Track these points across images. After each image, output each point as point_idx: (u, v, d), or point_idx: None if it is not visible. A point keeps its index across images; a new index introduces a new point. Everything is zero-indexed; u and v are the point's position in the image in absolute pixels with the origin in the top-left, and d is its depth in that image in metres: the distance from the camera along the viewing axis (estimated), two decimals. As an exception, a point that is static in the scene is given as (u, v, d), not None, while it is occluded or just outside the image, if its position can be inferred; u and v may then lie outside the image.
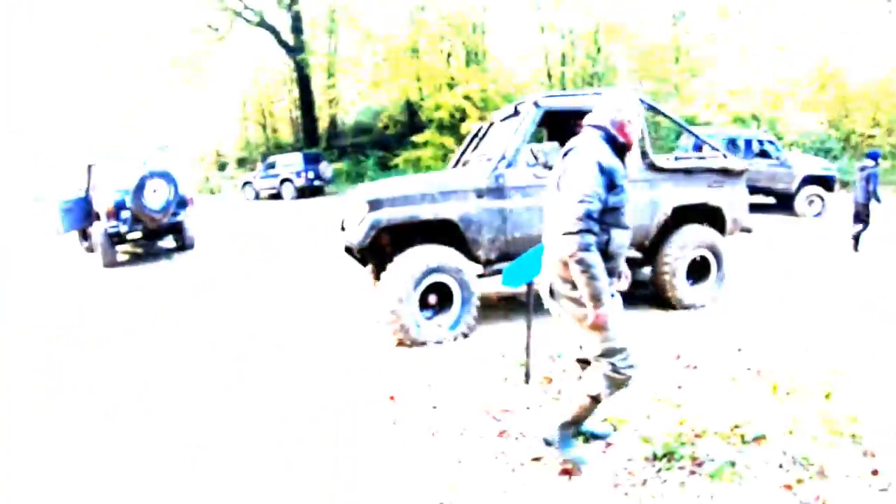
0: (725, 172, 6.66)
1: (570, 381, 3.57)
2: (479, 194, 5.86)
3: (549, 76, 28.59)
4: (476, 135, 7.69)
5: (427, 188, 5.77)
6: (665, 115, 6.95)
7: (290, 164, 25.03)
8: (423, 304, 5.72)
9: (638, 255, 6.57)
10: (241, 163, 35.00)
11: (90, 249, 13.69)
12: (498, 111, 7.62)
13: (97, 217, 12.47)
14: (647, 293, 6.87)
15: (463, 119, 24.17)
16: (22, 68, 40.19)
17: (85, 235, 14.20)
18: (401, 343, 5.58)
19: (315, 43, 32.30)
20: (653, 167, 6.35)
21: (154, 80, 30.18)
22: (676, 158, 6.96)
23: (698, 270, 6.62)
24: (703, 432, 3.60)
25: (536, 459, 3.48)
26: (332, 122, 34.73)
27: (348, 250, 6.29)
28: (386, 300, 5.52)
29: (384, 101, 31.47)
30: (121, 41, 31.00)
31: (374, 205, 5.68)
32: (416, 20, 27.66)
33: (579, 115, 6.54)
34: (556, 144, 5.86)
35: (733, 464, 3.24)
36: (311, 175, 24.04)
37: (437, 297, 5.79)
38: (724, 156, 6.85)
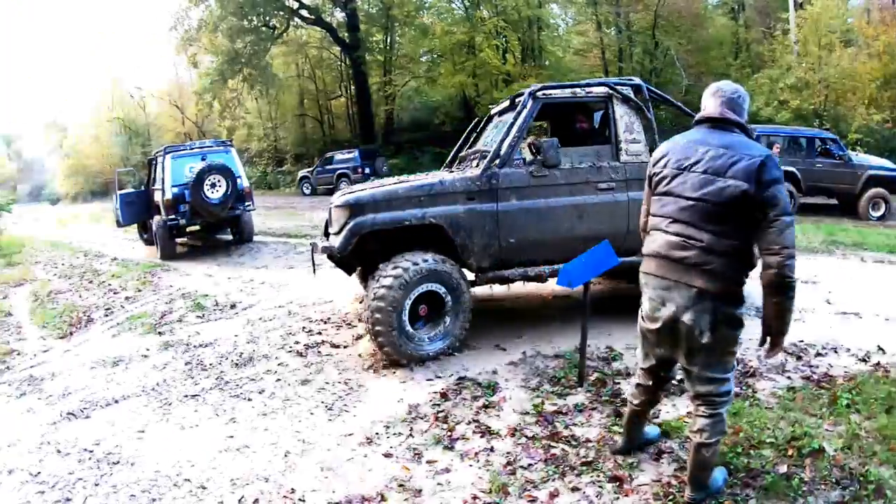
0: None
1: (631, 392, 3.44)
2: (470, 196, 5.38)
3: (607, 72, 28.27)
4: (474, 129, 7.23)
5: (413, 190, 5.32)
6: (676, 106, 6.57)
7: (347, 159, 25.49)
8: (413, 316, 5.25)
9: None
10: (299, 158, 35.50)
11: (149, 241, 14.13)
12: (496, 104, 7.12)
13: (157, 210, 12.84)
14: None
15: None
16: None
17: (145, 228, 14.66)
18: (394, 362, 5.21)
19: (371, 39, 32.55)
20: None
21: (212, 76, 30.70)
22: None
23: None
24: (758, 443, 3.55)
25: (587, 463, 3.49)
26: (389, 118, 34.98)
27: (332, 257, 5.66)
28: (372, 312, 5.07)
29: (440, 97, 31.55)
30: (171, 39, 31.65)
31: (356, 209, 5.26)
32: (471, 16, 27.65)
33: (581, 107, 6.56)
34: (555, 140, 5.53)
35: (788, 478, 3.19)
36: (367, 170, 24.38)
37: (426, 308, 5.34)
38: None
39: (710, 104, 2.96)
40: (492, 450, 3.75)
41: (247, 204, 12.81)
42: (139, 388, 5.37)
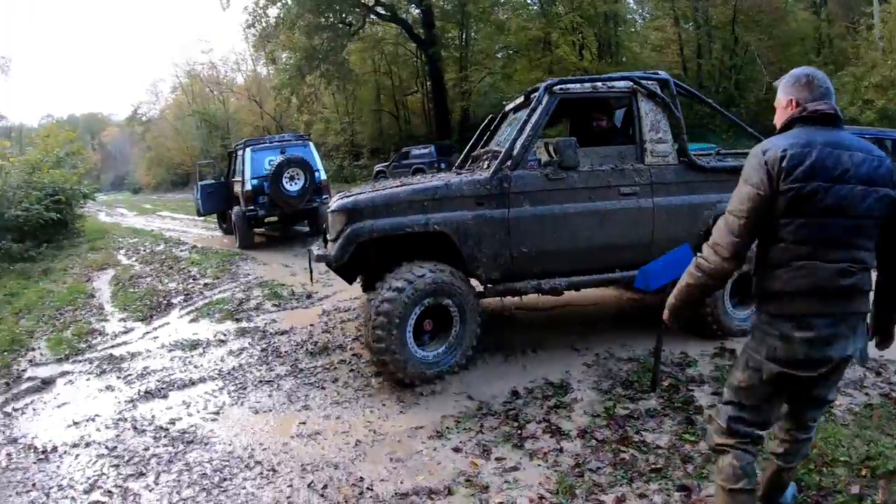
0: None
1: (742, 482, 2.57)
2: (479, 201, 4.86)
3: (685, 69, 27.69)
4: (487, 127, 6.64)
5: (415, 194, 4.83)
6: (707, 104, 6.01)
7: (423, 154, 25.77)
8: (417, 330, 4.82)
9: None
10: (375, 152, 35.94)
11: (228, 231, 14.62)
12: (510, 101, 6.53)
13: (236, 201, 13.25)
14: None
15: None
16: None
17: (224, 218, 15.15)
18: (398, 382, 4.79)
19: (446, 36, 32.67)
20: (693, 167, 5.30)
21: (290, 72, 31.35)
22: (718, 155, 6.10)
23: (742, 290, 5.46)
24: (832, 461, 3.42)
25: (656, 470, 3.44)
26: (465, 114, 35.03)
27: (330, 265, 5.17)
28: (373, 331, 4.62)
29: (516, 93, 31.44)
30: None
31: (353, 214, 4.79)
32: (547, 11, 27.47)
33: (603, 104, 5.87)
34: (574, 140, 4.95)
35: (860, 499, 3.08)
36: (443, 165, 24.55)
37: (431, 323, 4.93)
38: None
39: (804, 96, 2.47)
40: (561, 450, 3.73)
41: (324, 196, 13.09)
42: (215, 371, 5.58)
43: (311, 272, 5.91)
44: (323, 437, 4.13)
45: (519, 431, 3.99)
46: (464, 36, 33.79)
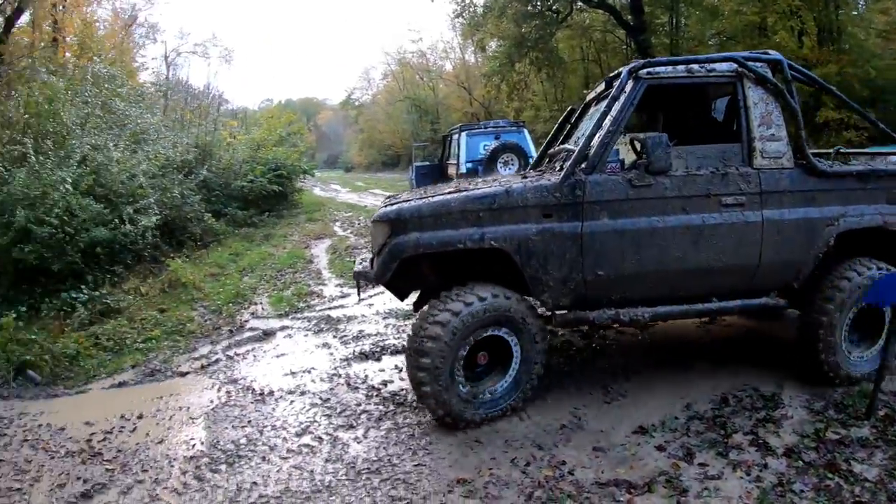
0: None
1: None
2: (546, 212, 4.07)
3: (915, 57, 24.83)
4: (567, 119, 5.70)
5: (469, 202, 4.06)
6: (828, 90, 4.92)
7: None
8: (470, 364, 4.18)
9: (781, 302, 4.56)
10: (585, 141, 35.63)
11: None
12: (591, 88, 5.52)
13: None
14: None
15: (817, 106, 21.90)
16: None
17: (436, 197, 15.81)
18: (440, 421, 4.16)
19: (655, 21, 31.65)
20: (811, 171, 4.31)
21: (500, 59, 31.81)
22: (838, 154, 5.06)
23: (865, 326, 4.56)
24: None
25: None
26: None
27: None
28: (415, 365, 4.03)
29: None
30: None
31: (397, 225, 4.09)
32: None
33: (700, 92, 5.12)
34: (665, 136, 4.07)
35: None
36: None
37: (486, 356, 4.22)
38: None
39: None
40: (765, 466, 3.59)
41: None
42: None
43: (358, 289, 5.24)
44: (528, 416, 4.24)
45: (725, 440, 3.89)
46: (674, 21, 32.48)
